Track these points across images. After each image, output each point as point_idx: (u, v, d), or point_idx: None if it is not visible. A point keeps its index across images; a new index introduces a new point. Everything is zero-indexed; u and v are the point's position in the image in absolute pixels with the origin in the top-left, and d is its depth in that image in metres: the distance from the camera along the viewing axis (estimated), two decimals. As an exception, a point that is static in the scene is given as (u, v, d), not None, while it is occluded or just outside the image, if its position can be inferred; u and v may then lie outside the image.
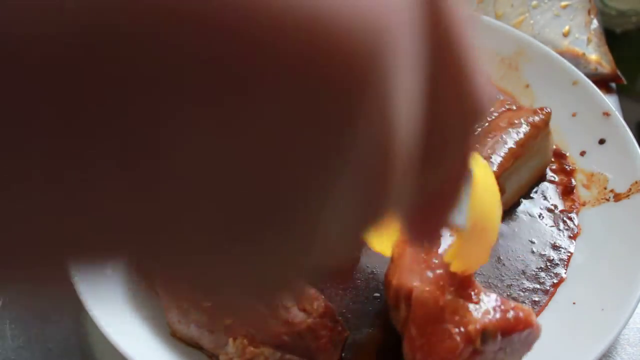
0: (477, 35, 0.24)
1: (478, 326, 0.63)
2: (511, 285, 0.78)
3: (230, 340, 0.68)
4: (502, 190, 0.83)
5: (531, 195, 0.87)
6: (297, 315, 0.67)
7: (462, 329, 0.63)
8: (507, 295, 0.77)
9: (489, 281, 0.78)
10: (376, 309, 0.75)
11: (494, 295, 0.66)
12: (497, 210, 0.63)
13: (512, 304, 0.66)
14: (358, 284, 0.77)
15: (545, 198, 0.86)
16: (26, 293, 0.22)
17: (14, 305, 0.81)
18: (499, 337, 0.64)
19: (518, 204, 0.86)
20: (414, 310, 0.67)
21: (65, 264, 0.20)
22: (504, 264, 0.80)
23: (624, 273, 0.75)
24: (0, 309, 0.81)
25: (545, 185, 0.88)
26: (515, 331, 0.64)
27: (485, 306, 0.65)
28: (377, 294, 0.76)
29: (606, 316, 0.72)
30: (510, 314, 0.65)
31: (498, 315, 0.64)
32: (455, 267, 0.63)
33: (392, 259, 0.72)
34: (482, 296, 0.66)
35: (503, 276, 0.79)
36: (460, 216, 0.47)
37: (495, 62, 0.99)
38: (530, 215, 0.85)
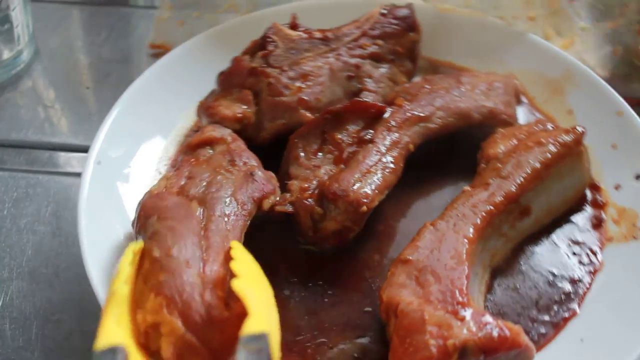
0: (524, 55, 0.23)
1: (457, 342, 0.62)
2: (521, 314, 0.76)
3: None
4: (527, 212, 0.80)
5: (562, 222, 0.83)
6: None
7: (440, 342, 0.63)
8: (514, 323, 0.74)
9: (501, 309, 0.76)
10: (368, 323, 0.74)
11: (484, 314, 0.65)
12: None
13: (500, 322, 0.64)
14: (354, 299, 0.77)
15: (572, 228, 0.83)
16: None
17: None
18: (482, 356, 0.62)
19: (549, 230, 0.82)
20: (398, 322, 0.66)
21: None
22: (518, 292, 0.77)
23: (638, 318, 0.72)
24: None
25: (574, 215, 0.84)
26: (500, 350, 0.63)
27: (471, 323, 0.64)
28: (369, 309, 0.76)
29: (611, 359, 0.69)
30: (495, 333, 0.63)
31: (482, 333, 0.63)
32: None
33: (387, 277, 0.72)
34: (471, 314, 0.65)
35: (514, 304, 0.76)
36: None
37: (540, 84, 0.96)
38: (555, 244, 0.82)
